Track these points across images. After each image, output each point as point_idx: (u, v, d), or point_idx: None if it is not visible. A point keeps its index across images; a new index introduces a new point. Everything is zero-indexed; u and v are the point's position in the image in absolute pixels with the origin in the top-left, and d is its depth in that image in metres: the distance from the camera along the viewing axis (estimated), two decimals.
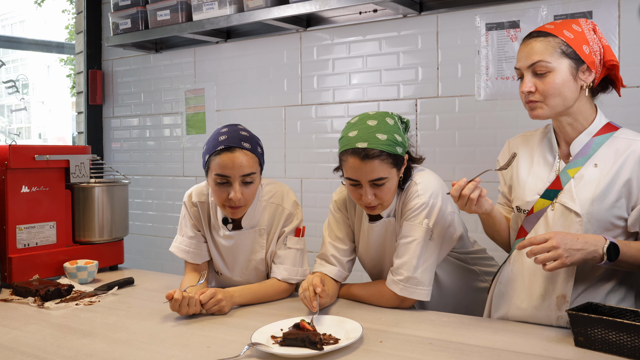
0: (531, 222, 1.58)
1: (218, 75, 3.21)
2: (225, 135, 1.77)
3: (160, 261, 3.47)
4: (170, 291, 1.64)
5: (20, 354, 1.39)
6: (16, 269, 2.09)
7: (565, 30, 1.50)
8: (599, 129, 1.54)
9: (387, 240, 1.78)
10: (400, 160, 1.67)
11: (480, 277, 1.89)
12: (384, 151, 1.61)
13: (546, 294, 1.53)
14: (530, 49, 1.52)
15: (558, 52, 1.49)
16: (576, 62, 1.50)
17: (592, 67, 1.51)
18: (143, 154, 3.59)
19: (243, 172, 1.74)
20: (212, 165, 1.76)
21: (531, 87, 1.51)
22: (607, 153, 1.51)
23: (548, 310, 1.52)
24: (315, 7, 2.52)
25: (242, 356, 1.33)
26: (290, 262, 1.87)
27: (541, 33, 1.52)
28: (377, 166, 1.61)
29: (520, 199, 1.62)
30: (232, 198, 1.75)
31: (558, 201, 1.53)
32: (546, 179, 1.57)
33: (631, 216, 1.48)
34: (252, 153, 1.77)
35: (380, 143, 1.61)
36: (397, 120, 1.70)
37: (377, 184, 1.63)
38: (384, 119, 1.66)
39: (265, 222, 1.90)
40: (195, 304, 1.64)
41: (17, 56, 13.18)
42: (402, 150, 1.67)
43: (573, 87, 1.51)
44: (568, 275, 1.50)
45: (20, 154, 2.12)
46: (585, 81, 1.51)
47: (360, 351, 1.36)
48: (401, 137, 1.66)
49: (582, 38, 1.50)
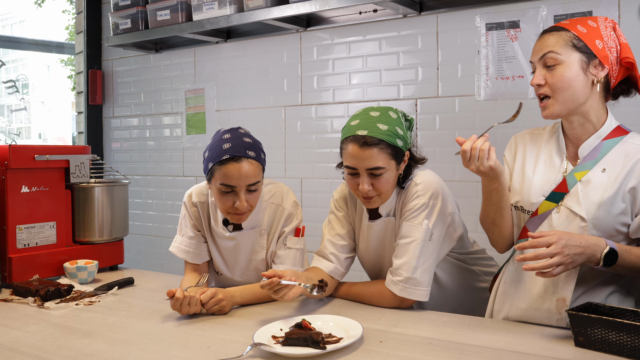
0: (535, 223, 1.56)
1: (218, 75, 3.21)
2: (230, 143, 1.73)
3: (160, 261, 3.47)
4: (172, 289, 1.64)
5: (20, 354, 1.39)
6: (16, 269, 2.09)
7: (579, 25, 1.50)
8: (609, 132, 1.52)
9: (387, 239, 1.78)
10: (400, 154, 1.67)
11: (479, 277, 1.89)
12: (383, 140, 1.62)
13: (546, 295, 1.52)
14: (543, 42, 1.52)
15: (569, 45, 1.48)
16: (587, 55, 1.48)
17: (605, 62, 1.48)
18: (143, 154, 3.59)
19: (249, 182, 1.73)
20: (216, 174, 1.73)
21: (540, 79, 1.51)
22: (616, 158, 1.49)
23: (548, 312, 1.51)
24: (315, 7, 2.52)
25: (245, 356, 1.33)
26: (290, 262, 1.87)
27: (555, 28, 1.53)
28: (376, 154, 1.62)
29: (524, 200, 1.59)
30: (237, 207, 1.74)
31: (564, 204, 1.51)
32: (552, 181, 1.55)
33: (633, 223, 1.47)
34: (257, 161, 1.76)
35: (380, 132, 1.62)
36: (401, 116, 1.71)
37: (374, 173, 1.64)
38: (387, 112, 1.68)
39: (266, 222, 1.90)
40: (196, 303, 1.64)
41: (17, 56, 13.17)
42: (403, 145, 1.67)
43: (583, 82, 1.49)
44: (569, 278, 1.49)
45: (20, 154, 2.12)
46: (597, 76, 1.49)
47: (360, 351, 1.36)
48: (403, 132, 1.67)
49: (596, 33, 1.49)
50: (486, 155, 1.48)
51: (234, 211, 1.76)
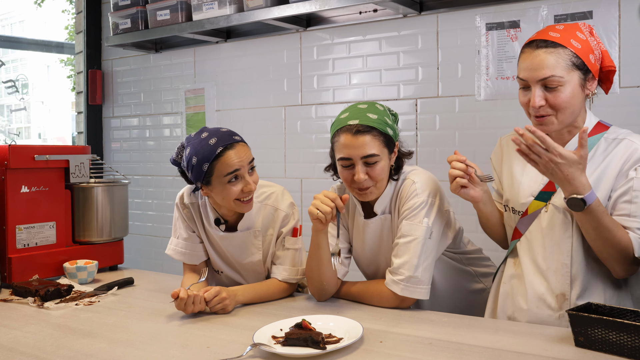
0: (525, 223, 1.59)
1: (218, 75, 3.21)
2: (214, 138, 1.73)
3: (160, 261, 3.47)
4: (176, 290, 1.64)
5: (20, 354, 1.39)
6: (16, 269, 2.09)
7: (572, 40, 1.47)
8: (591, 129, 1.54)
9: (384, 237, 1.78)
10: (391, 143, 1.69)
11: (475, 278, 1.89)
12: (375, 127, 1.64)
13: (546, 293, 1.53)
14: (540, 61, 1.46)
15: (570, 65, 1.45)
16: (584, 72, 1.48)
17: (596, 75, 1.50)
18: (143, 154, 3.59)
19: (249, 162, 1.77)
20: (216, 170, 1.72)
21: (541, 101, 1.47)
22: (597, 152, 1.52)
23: (550, 310, 1.52)
24: (315, 7, 2.52)
25: (245, 356, 1.33)
26: (290, 262, 1.87)
27: (549, 43, 1.47)
28: (369, 141, 1.64)
29: (514, 201, 1.62)
30: (246, 190, 1.76)
31: (551, 203, 1.54)
32: (540, 181, 1.57)
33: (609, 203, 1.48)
34: (245, 143, 1.80)
35: (372, 121, 1.65)
36: (386, 109, 1.74)
37: (369, 162, 1.65)
38: (374, 105, 1.72)
39: (260, 223, 1.89)
40: (201, 301, 1.65)
41: (17, 56, 13.17)
42: (393, 134, 1.70)
43: (581, 98, 1.49)
44: (564, 273, 1.52)
45: (20, 154, 2.12)
46: (591, 89, 1.50)
47: (360, 351, 1.35)
48: (391, 122, 1.70)
49: (588, 47, 1.48)
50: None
51: (242, 197, 1.77)
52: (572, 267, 1.51)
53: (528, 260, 1.59)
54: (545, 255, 1.55)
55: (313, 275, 1.75)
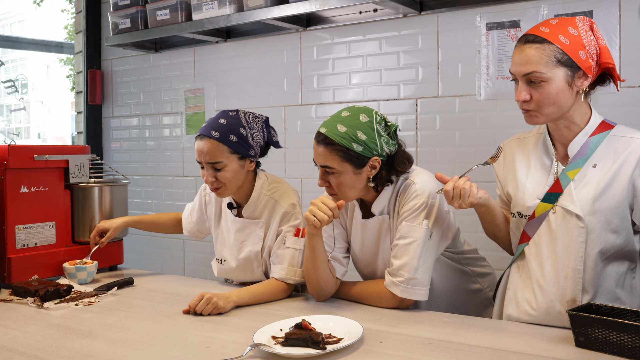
0: (533, 226, 1.56)
1: (218, 75, 3.20)
2: (207, 122, 1.90)
3: (160, 261, 3.47)
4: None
5: (19, 355, 1.39)
6: (15, 269, 2.09)
7: (560, 35, 1.45)
8: (595, 128, 1.53)
9: (382, 238, 1.78)
10: (357, 158, 1.65)
11: (472, 278, 1.88)
12: (335, 142, 1.64)
13: (555, 299, 1.52)
14: (525, 56, 1.47)
15: (553, 61, 1.44)
16: (572, 69, 1.46)
17: (588, 72, 1.47)
18: (142, 153, 3.58)
19: (208, 159, 1.86)
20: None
21: (526, 96, 1.48)
22: (606, 152, 1.50)
23: (560, 315, 1.51)
24: (315, 6, 2.52)
25: (245, 357, 1.32)
26: (289, 262, 1.86)
27: (537, 39, 1.47)
28: (326, 154, 1.66)
29: (520, 205, 1.60)
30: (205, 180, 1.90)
31: (559, 204, 1.51)
32: (545, 183, 1.56)
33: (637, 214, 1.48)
34: (221, 142, 1.84)
35: (335, 134, 1.65)
36: (375, 121, 1.67)
37: (327, 171, 1.68)
38: (358, 114, 1.67)
39: (265, 216, 1.95)
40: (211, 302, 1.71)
41: (17, 56, 13.17)
42: (364, 150, 1.64)
43: (569, 95, 1.48)
44: (576, 279, 1.49)
45: (19, 154, 2.12)
46: (581, 87, 1.48)
47: (360, 351, 1.35)
48: (366, 137, 1.64)
49: (579, 43, 1.45)
50: (467, 193, 1.55)
51: (208, 184, 1.91)
52: (586, 273, 1.49)
53: (536, 265, 1.56)
54: (555, 260, 1.52)
55: (310, 277, 1.75)
